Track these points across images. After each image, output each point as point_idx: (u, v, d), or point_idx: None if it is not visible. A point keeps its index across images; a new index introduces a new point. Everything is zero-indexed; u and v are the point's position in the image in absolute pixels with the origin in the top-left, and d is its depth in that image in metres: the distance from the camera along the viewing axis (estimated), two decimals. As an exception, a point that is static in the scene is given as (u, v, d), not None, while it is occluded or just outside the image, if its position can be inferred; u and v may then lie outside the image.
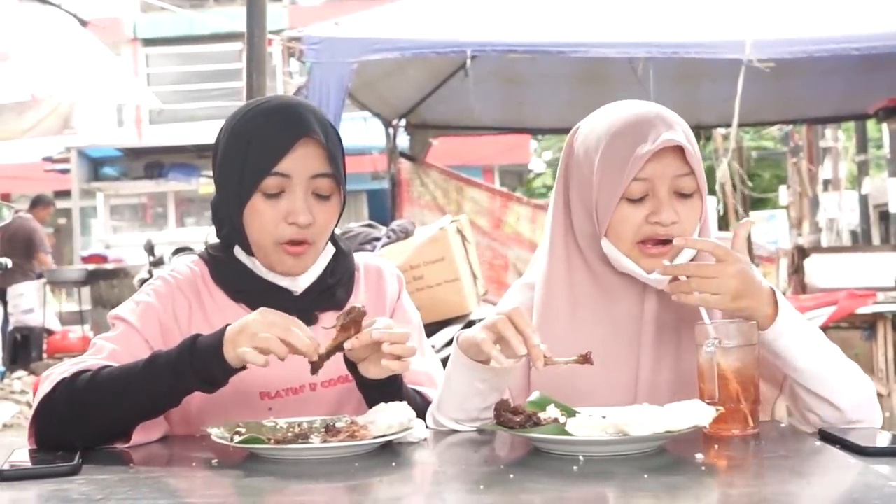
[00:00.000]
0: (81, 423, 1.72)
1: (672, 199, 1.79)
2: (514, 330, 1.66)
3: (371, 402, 1.77)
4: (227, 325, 1.70)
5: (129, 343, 1.86)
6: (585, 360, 1.67)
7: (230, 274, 1.96)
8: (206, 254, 2.02)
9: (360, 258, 2.10)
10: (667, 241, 1.78)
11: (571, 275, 1.89)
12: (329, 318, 1.89)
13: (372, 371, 1.76)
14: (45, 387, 1.76)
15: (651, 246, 1.79)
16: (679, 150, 1.77)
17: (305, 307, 1.92)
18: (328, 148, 1.87)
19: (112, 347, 1.85)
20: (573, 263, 1.89)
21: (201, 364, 1.68)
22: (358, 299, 2.01)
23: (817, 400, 1.74)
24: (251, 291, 1.93)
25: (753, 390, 1.68)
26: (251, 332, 1.65)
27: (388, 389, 1.79)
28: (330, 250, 1.99)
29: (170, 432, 1.87)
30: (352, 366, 1.80)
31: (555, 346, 1.72)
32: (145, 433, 1.78)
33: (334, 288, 1.98)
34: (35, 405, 1.75)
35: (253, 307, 1.89)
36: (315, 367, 1.68)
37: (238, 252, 1.95)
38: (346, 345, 1.70)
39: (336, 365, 1.79)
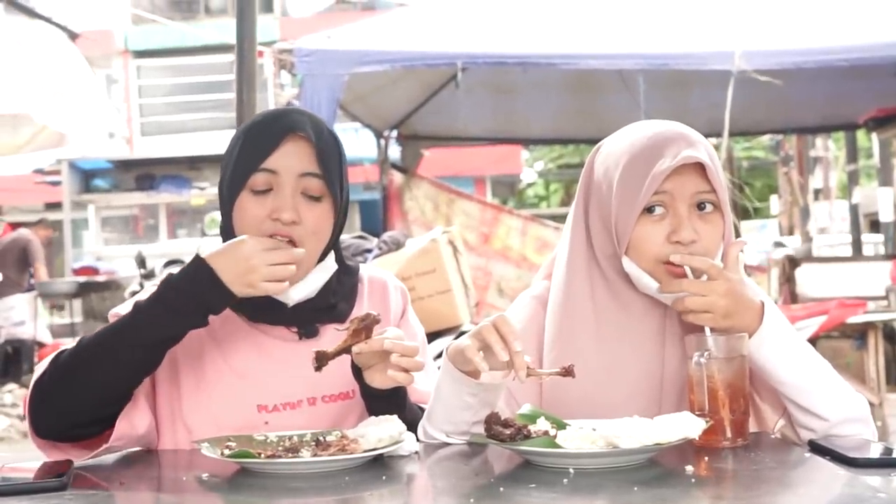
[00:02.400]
0: (69, 393, 1.72)
1: (692, 217, 1.77)
2: (498, 336, 1.66)
3: (373, 412, 1.77)
4: (198, 256, 1.73)
5: None
6: (567, 372, 1.67)
7: None
8: None
9: (364, 270, 2.06)
10: None
11: (594, 292, 1.86)
12: (330, 332, 1.90)
13: (377, 380, 1.76)
14: (37, 373, 1.78)
15: (678, 267, 1.76)
16: (700, 168, 1.76)
17: (306, 320, 1.91)
18: (318, 147, 1.85)
19: None
20: (595, 282, 1.87)
21: (196, 288, 1.71)
22: (361, 312, 1.99)
23: (805, 414, 1.74)
24: (248, 302, 1.86)
25: (743, 402, 1.68)
26: (252, 265, 1.70)
27: (392, 400, 1.78)
28: (332, 267, 1.94)
29: (153, 428, 1.85)
30: (357, 372, 1.79)
31: (578, 364, 1.72)
32: (129, 423, 1.77)
33: (336, 301, 1.95)
34: (29, 392, 1.76)
35: (250, 317, 1.89)
36: (320, 364, 1.68)
37: None
38: (355, 349, 1.70)
39: (337, 381, 1.80)
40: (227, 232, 1.91)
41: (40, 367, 1.78)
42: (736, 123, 5.82)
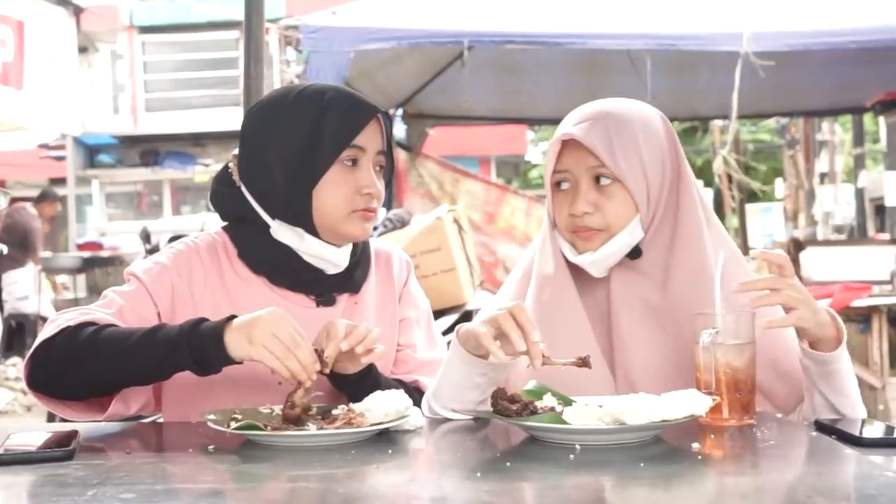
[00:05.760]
0: (72, 373, 1.76)
1: (591, 191, 1.86)
2: (515, 325, 1.66)
3: (353, 397, 1.79)
4: (233, 315, 1.70)
5: (138, 302, 1.89)
6: (584, 363, 1.67)
7: (259, 247, 1.95)
8: (232, 226, 2.01)
9: (371, 243, 2.11)
10: (595, 230, 1.86)
11: (556, 267, 1.94)
12: (343, 300, 1.98)
13: (350, 367, 1.81)
14: (50, 329, 1.79)
15: (580, 233, 1.87)
16: (596, 144, 1.83)
17: (327, 288, 1.96)
18: (387, 127, 1.96)
19: (121, 303, 1.88)
20: (553, 255, 1.95)
21: (199, 346, 1.69)
22: (369, 285, 2.04)
23: (829, 410, 1.76)
24: (280, 266, 1.94)
25: (750, 381, 1.68)
26: (269, 331, 1.66)
27: (366, 381, 1.83)
28: None
29: (149, 404, 1.90)
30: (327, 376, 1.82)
31: (555, 338, 1.77)
32: (123, 404, 1.81)
33: (353, 270, 1.99)
34: (35, 344, 1.78)
35: (274, 282, 1.94)
36: (294, 419, 1.68)
37: (279, 231, 1.93)
38: (327, 352, 1.72)
39: None
40: (297, 203, 1.90)
41: (54, 326, 1.79)
42: (743, 106, 5.79)
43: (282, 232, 1.94)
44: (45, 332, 1.79)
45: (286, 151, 1.90)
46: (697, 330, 1.69)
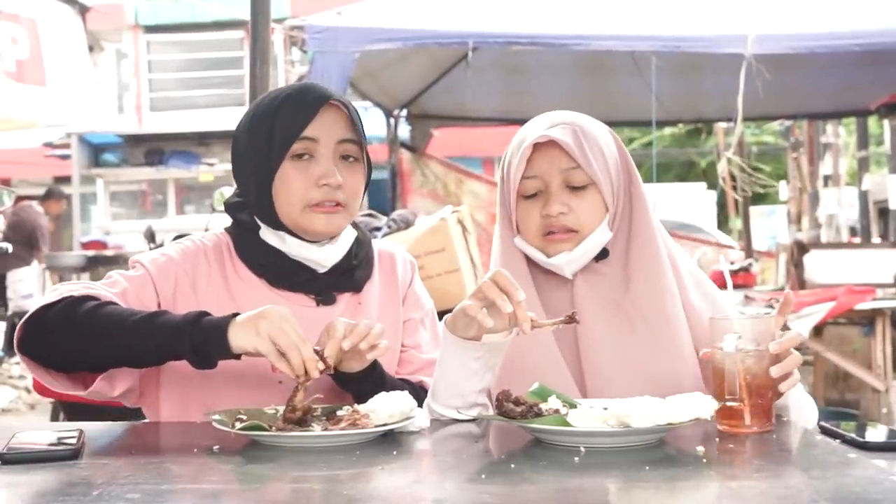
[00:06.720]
0: (66, 342, 1.75)
1: (563, 193, 1.89)
2: (499, 291, 1.68)
3: (357, 396, 1.80)
4: (236, 313, 1.71)
5: (141, 289, 1.90)
6: (571, 319, 1.71)
7: (254, 249, 1.97)
8: (233, 227, 2.03)
9: (375, 244, 2.12)
10: (569, 230, 1.88)
11: (516, 277, 1.95)
12: (345, 300, 1.97)
13: (355, 365, 1.81)
14: (51, 296, 1.79)
15: (553, 235, 1.89)
16: (571, 143, 1.87)
17: (325, 287, 1.96)
18: (351, 115, 1.92)
19: (125, 285, 1.89)
20: (512, 265, 1.95)
21: (201, 337, 1.69)
22: (373, 284, 2.04)
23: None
24: (274, 268, 1.95)
25: (771, 388, 1.66)
26: (276, 325, 1.66)
27: (371, 379, 1.83)
28: (353, 232, 2.02)
29: (133, 391, 1.89)
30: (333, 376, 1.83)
31: (519, 349, 1.81)
32: (108, 384, 1.80)
33: (354, 269, 2.00)
34: (35, 308, 1.78)
35: (271, 282, 1.93)
36: (295, 423, 1.68)
37: (265, 234, 1.96)
38: (327, 351, 1.71)
39: None
40: (265, 205, 1.92)
41: (56, 294, 1.79)
42: (747, 108, 5.78)
43: (267, 234, 1.96)
44: (46, 297, 1.79)
45: (253, 156, 1.93)
46: (716, 335, 1.67)
